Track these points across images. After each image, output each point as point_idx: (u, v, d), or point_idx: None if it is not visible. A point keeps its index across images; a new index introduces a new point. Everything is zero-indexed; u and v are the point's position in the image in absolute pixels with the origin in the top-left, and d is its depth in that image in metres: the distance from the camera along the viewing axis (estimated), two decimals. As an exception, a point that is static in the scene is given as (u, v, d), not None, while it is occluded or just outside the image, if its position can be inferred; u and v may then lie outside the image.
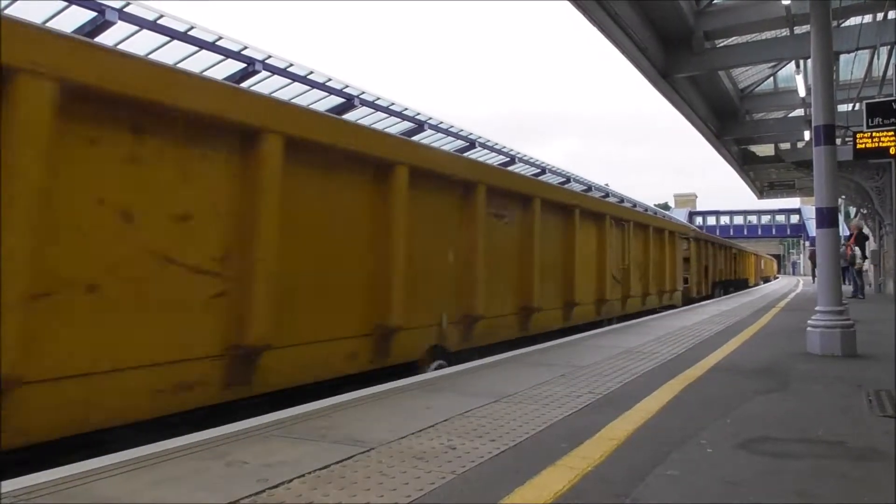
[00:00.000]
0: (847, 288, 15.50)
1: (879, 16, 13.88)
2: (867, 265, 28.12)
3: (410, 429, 3.43)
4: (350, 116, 18.27)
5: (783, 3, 13.55)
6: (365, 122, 19.35)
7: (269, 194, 4.23)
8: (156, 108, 3.65)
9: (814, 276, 23.16)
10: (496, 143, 25.89)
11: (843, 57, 15.98)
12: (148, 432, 3.37)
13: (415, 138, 20.06)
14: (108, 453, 2.93)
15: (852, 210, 28.17)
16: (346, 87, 18.07)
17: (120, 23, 12.44)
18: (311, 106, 17.04)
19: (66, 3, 11.73)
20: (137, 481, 2.60)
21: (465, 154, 22.43)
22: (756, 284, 37.25)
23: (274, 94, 15.35)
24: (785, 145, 26.68)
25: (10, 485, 2.51)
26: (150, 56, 13.25)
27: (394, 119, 20.49)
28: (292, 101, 16.33)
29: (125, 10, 12.47)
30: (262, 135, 4.20)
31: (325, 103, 17.86)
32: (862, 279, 18.33)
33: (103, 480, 2.60)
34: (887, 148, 13.78)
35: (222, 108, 4.04)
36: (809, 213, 58.81)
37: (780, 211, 69.31)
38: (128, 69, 3.57)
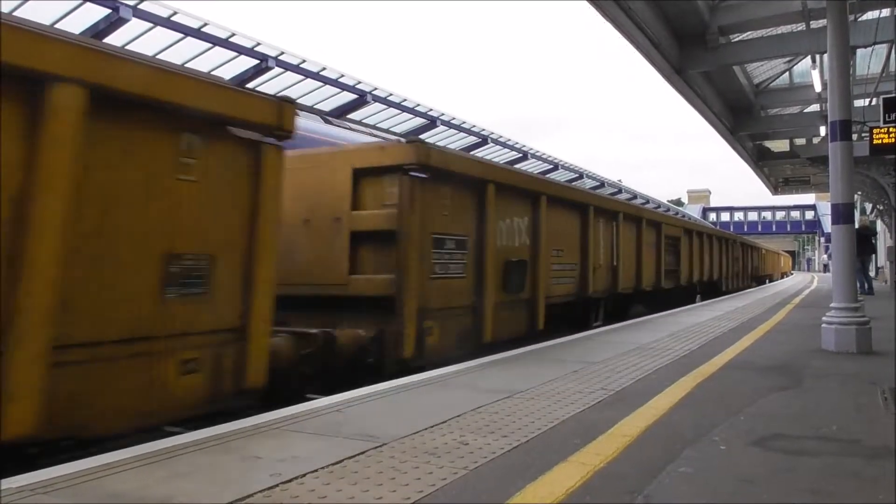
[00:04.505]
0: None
1: (897, 10, 13.71)
2: (882, 261, 27.92)
3: (423, 424, 3.44)
4: (362, 112, 18.31)
5: (799, -4, 13.41)
6: (377, 118, 19.38)
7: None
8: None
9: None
10: (508, 140, 25.89)
11: (859, 51, 15.76)
12: (156, 431, 3.39)
13: (426, 135, 20.08)
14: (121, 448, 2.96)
15: (868, 206, 27.91)
16: (359, 83, 18.09)
17: (134, 20, 12.53)
18: (322, 103, 17.13)
19: (79, 1, 11.80)
20: (151, 476, 2.62)
21: (476, 150, 22.44)
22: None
23: (286, 91, 15.43)
24: (800, 141, 26.40)
25: (25, 479, 2.53)
26: (162, 53, 13.35)
27: (406, 115, 20.50)
28: (300, 99, 16.36)
29: (139, 7, 12.55)
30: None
31: (337, 99, 17.90)
32: (867, 276, 18.08)
33: (117, 475, 2.62)
34: (904, 144, 13.59)
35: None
36: (825, 209, 58.37)
37: (795, 207, 68.85)
38: None
